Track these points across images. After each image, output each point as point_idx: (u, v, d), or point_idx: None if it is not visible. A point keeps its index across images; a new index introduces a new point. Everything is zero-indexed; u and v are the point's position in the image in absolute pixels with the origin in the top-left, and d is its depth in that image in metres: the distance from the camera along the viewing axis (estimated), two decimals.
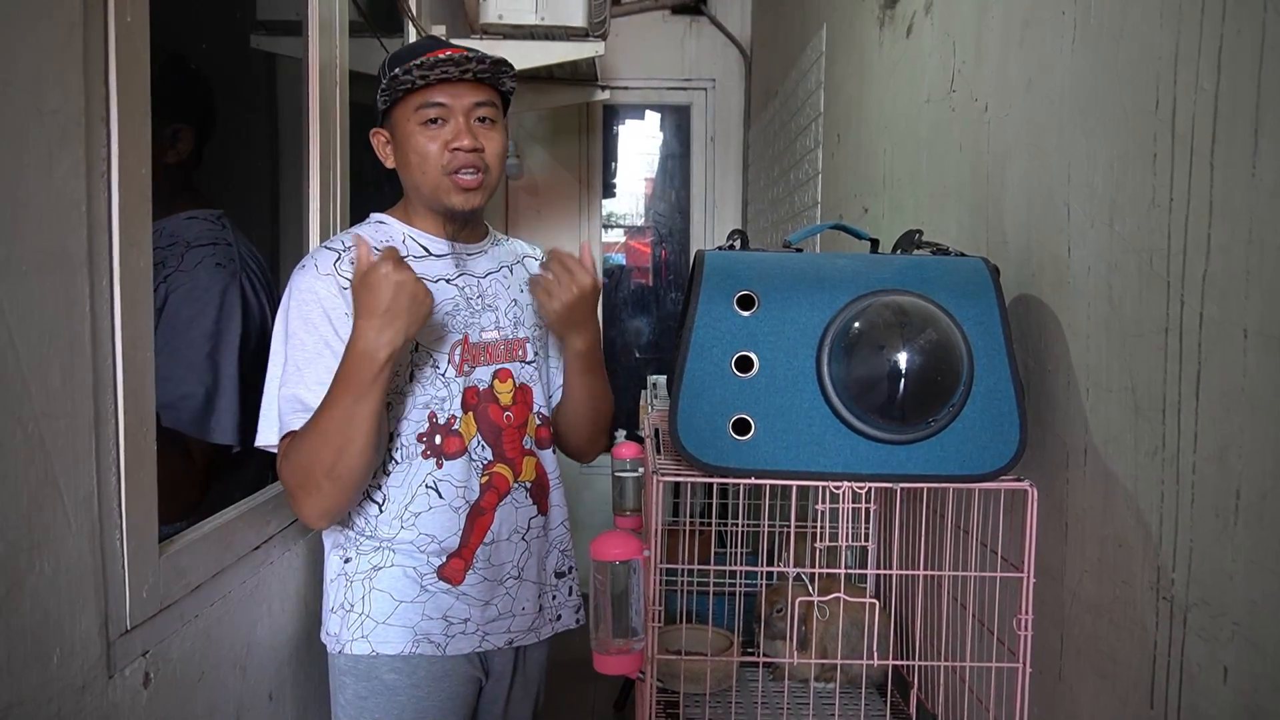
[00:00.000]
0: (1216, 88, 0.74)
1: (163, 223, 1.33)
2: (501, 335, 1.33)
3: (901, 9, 1.60)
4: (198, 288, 1.31)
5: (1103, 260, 0.91)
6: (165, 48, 1.04)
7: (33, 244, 0.79)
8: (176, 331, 1.29)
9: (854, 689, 1.29)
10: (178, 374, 1.28)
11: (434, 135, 1.23)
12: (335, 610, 1.28)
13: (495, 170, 1.28)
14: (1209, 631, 0.75)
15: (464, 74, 1.22)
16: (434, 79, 1.21)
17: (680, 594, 1.48)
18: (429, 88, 1.23)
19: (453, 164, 1.24)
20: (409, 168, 1.27)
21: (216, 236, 1.37)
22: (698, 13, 3.79)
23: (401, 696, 1.26)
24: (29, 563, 0.79)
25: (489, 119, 1.26)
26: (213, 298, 1.32)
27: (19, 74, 0.77)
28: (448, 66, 1.20)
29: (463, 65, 1.21)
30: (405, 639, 1.25)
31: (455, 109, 1.23)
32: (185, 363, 1.29)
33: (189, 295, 1.30)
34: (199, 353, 1.30)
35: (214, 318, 1.32)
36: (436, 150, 1.23)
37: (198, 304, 1.31)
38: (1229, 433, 0.73)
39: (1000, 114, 1.16)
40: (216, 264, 1.34)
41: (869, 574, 1.38)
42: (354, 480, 1.15)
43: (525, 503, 1.34)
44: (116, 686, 0.92)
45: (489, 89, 1.27)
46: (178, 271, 1.31)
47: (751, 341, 0.98)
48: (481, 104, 1.25)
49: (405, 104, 1.24)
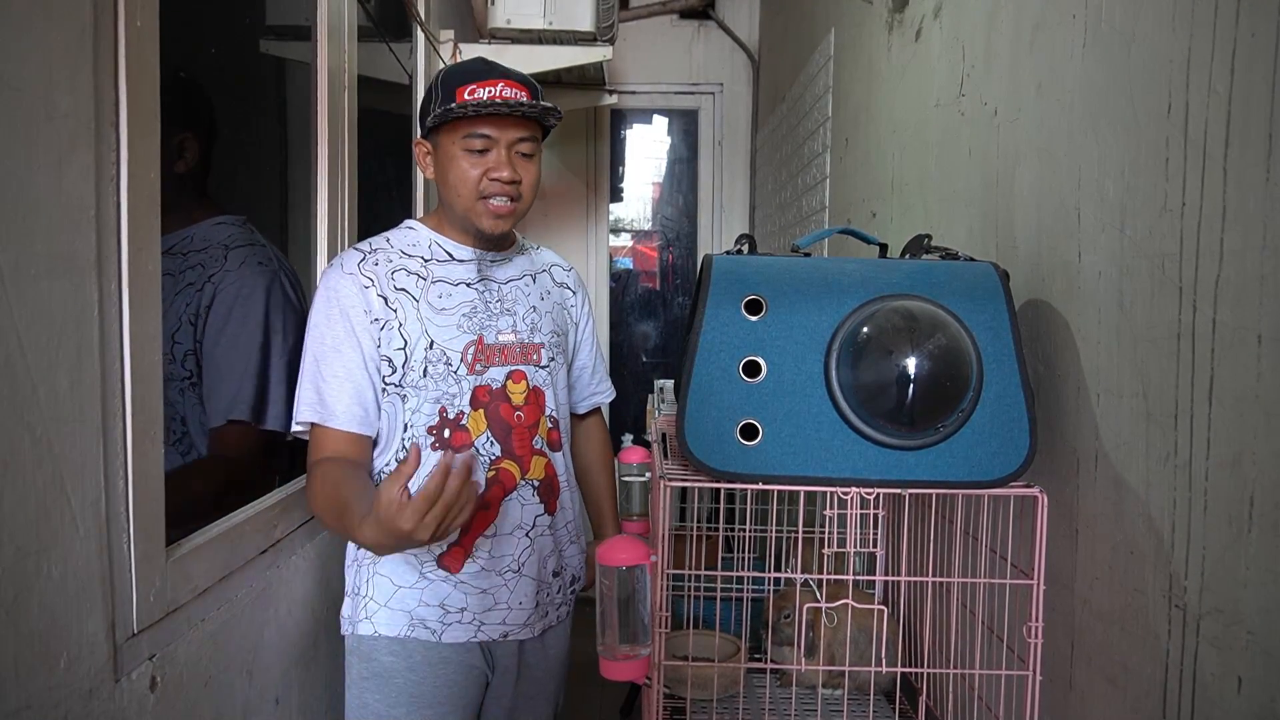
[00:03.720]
0: (1230, 91, 0.73)
1: (191, 229, 1.41)
2: (518, 339, 1.38)
3: (910, 13, 1.59)
4: (245, 285, 1.38)
5: (1114, 265, 0.90)
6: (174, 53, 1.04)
7: (42, 248, 0.79)
8: (229, 326, 1.36)
9: (862, 696, 1.28)
10: (233, 366, 1.36)
11: (476, 162, 1.30)
12: (349, 594, 1.36)
13: (527, 199, 1.35)
14: (1222, 640, 0.74)
15: (513, 111, 1.27)
16: (486, 112, 1.27)
17: (687, 599, 1.47)
18: (480, 119, 1.28)
19: (489, 190, 1.30)
20: (447, 186, 1.33)
21: (250, 239, 1.45)
22: (705, 17, 3.79)
23: (398, 679, 1.31)
24: (37, 567, 0.79)
25: (529, 154, 1.33)
26: (260, 294, 1.39)
27: (30, 78, 0.77)
28: (500, 108, 1.26)
29: (515, 108, 1.26)
30: (402, 623, 1.31)
31: (500, 141, 1.29)
32: (240, 355, 1.36)
33: (239, 293, 1.38)
34: (253, 345, 1.37)
35: (263, 312, 1.39)
36: (476, 176, 1.30)
37: (248, 301, 1.38)
38: (1242, 439, 0.72)
39: (1010, 118, 1.15)
40: (259, 263, 1.42)
41: (877, 580, 1.37)
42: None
43: (531, 500, 1.37)
44: (123, 691, 0.92)
45: (534, 124, 1.33)
46: (223, 271, 1.38)
47: (759, 346, 0.98)
48: (525, 139, 1.31)
49: (453, 128, 1.30)
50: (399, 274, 1.32)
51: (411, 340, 1.30)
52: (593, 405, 1.62)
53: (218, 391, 1.36)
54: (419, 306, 1.31)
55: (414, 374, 1.30)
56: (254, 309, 1.38)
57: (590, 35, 2.40)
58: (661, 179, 4.07)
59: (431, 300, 1.32)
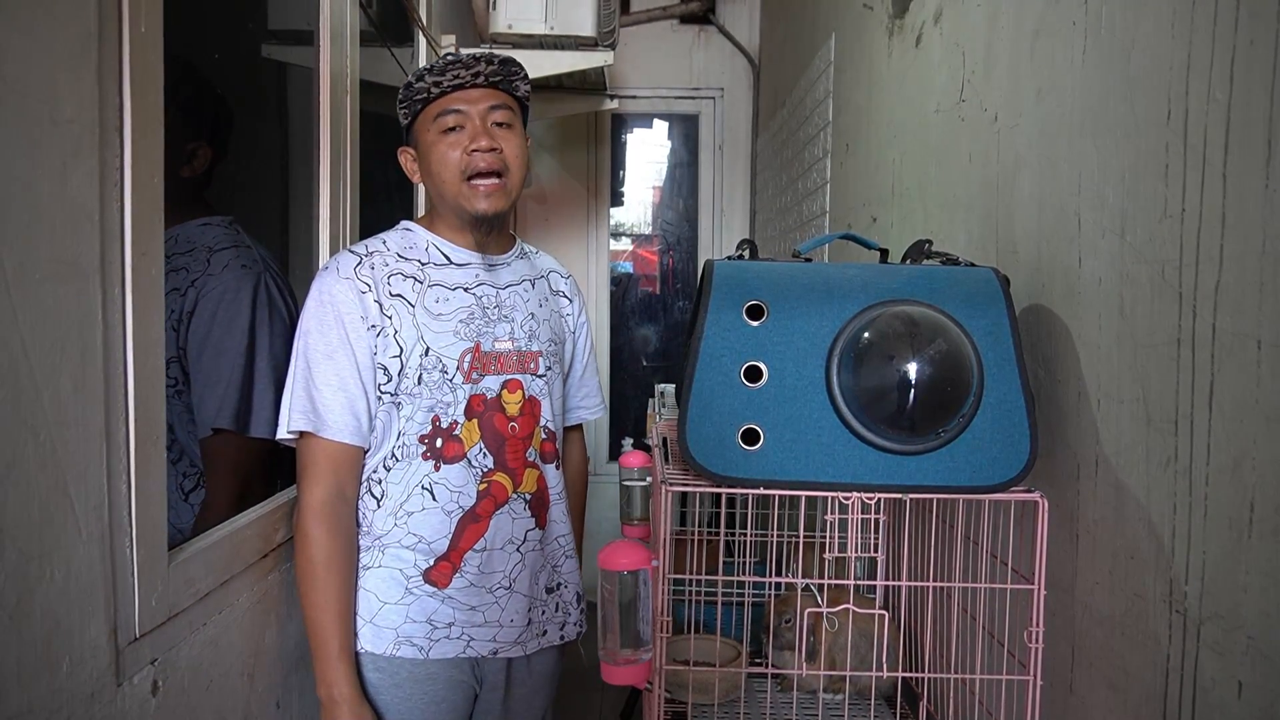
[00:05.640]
0: (1229, 98, 0.74)
1: (175, 230, 1.38)
2: (515, 346, 1.35)
3: (910, 19, 1.60)
4: (229, 289, 1.36)
5: (1114, 271, 0.91)
6: (180, 60, 1.05)
7: (46, 253, 0.79)
8: (213, 332, 1.34)
9: (862, 700, 1.28)
10: (219, 373, 1.34)
11: (454, 143, 1.27)
12: None
13: (516, 171, 1.31)
14: (1223, 645, 0.74)
15: (475, 76, 1.26)
16: (447, 84, 1.25)
17: (688, 604, 1.47)
18: (445, 96, 1.27)
19: (471, 166, 1.27)
20: (433, 177, 1.30)
21: (235, 240, 1.42)
22: (706, 22, 3.80)
23: (384, 696, 1.28)
24: (40, 570, 0.79)
25: (506, 123, 1.30)
26: (244, 298, 1.37)
27: (35, 84, 0.77)
28: (458, 69, 1.24)
29: (472, 66, 1.24)
30: (387, 640, 1.27)
31: (472, 114, 1.27)
32: (227, 361, 1.34)
33: (221, 297, 1.35)
34: (237, 350, 1.35)
35: (248, 316, 1.36)
36: (457, 157, 1.27)
37: (231, 305, 1.35)
38: (1242, 445, 0.72)
39: (1010, 124, 1.16)
40: (242, 265, 1.39)
41: (878, 585, 1.37)
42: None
43: (523, 514, 1.34)
44: (125, 695, 0.92)
45: (504, 94, 1.30)
46: (206, 275, 1.36)
47: (760, 351, 0.98)
48: (496, 108, 1.29)
49: (424, 116, 1.29)
50: (395, 278, 1.29)
51: (407, 347, 1.27)
52: (575, 420, 1.56)
53: (205, 400, 1.33)
54: (415, 312, 1.28)
55: (409, 381, 1.27)
56: (238, 313, 1.35)
57: (591, 40, 2.41)
58: (662, 183, 4.08)
59: (428, 305, 1.29)
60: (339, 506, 1.25)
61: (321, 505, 1.24)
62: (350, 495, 1.28)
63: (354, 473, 1.28)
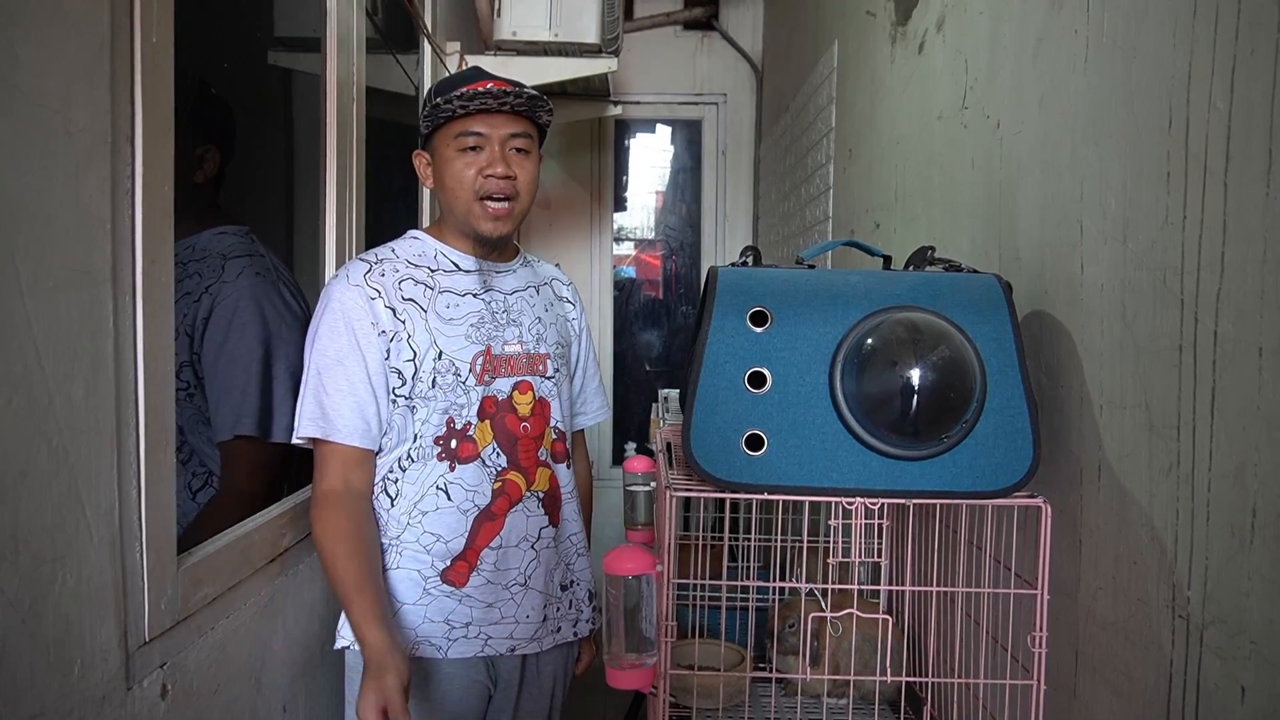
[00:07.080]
0: (1230, 106, 0.74)
1: (192, 239, 1.41)
2: (524, 349, 1.38)
3: (913, 26, 1.61)
4: (244, 296, 1.38)
5: (1116, 277, 0.91)
6: (189, 68, 1.06)
7: (59, 261, 0.80)
8: (230, 338, 1.36)
9: (867, 705, 1.29)
10: (236, 378, 1.35)
11: (470, 161, 1.30)
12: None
13: (525, 197, 1.35)
14: (1226, 650, 0.75)
15: (502, 106, 1.28)
16: (473, 109, 1.28)
17: (692, 609, 1.48)
18: (468, 117, 1.29)
19: (485, 189, 1.30)
20: (445, 190, 1.33)
21: (249, 249, 1.44)
22: (709, 28, 3.81)
23: None
24: (52, 574, 0.80)
25: (523, 149, 1.33)
26: (258, 304, 1.39)
27: (49, 93, 0.78)
28: (486, 99, 1.27)
29: (501, 99, 1.27)
30: (406, 641, 1.29)
31: (492, 138, 1.30)
32: (244, 367, 1.36)
33: (237, 304, 1.37)
34: (255, 357, 1.37)
35: (262, 322, 1.38)
36: (471, 176, 1.30)
37: (246, 312, 1.37)
38: (1245, 451, 0.73)
39: (1013, 131, 1.16)
40: (256, 273, 1.41)
41: (882, 590, 1.38)
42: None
43: (537, 512, 1.37)
44: (135, 698, 0.93)
45: (526, 121, 1.33)
46: (220, 282, 1.38)
47: (764, 357, 0.99)
48: (517, 135, 1.32)
49: (446, 130, 1.31)
50: (406, 284, 1.32)
51: (420, 351, 1.30)
52: (580, 425, 1.58)
53: (222, 406, 1.35)
54: (427, 317, 1.31)
55: (423, 385, 1.30)
56: (253, 320, 1.37)
57: (595, 47, 2.42)
58: (665, 188, 4.09)
59: (439, 310, 1.32)
60: (346, 495, 1.28)
61: (326, 494, 1.27)
62: (359, 489, 1.30)
63: (363, 471, 1.31)
